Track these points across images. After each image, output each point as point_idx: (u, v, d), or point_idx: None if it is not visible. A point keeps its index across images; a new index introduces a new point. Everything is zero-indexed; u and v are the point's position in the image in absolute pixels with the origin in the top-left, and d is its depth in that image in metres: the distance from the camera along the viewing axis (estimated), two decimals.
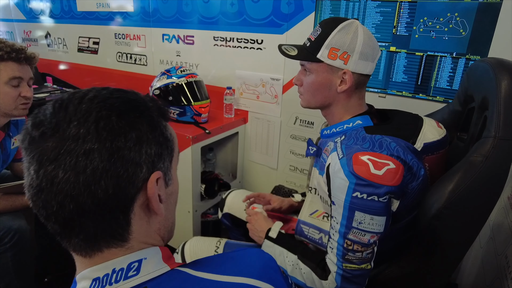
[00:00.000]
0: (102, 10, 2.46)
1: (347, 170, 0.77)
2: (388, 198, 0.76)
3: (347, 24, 0.88)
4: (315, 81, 0.93)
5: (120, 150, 0.43)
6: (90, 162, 0.41)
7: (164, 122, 0.52)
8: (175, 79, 1.73)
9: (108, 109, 0.44)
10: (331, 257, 0.85)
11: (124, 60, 2.49)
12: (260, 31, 1.76)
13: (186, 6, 1.99)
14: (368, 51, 0.87)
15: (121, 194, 0.44)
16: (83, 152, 0.41)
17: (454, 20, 1.26)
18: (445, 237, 0.81)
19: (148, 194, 0.46)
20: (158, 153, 0.47)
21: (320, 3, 1.54)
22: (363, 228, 0.78)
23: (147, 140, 0.46)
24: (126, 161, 0.43)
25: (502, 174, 0.76)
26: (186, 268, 0.48)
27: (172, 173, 0.53)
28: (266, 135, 1.92)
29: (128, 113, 0.45)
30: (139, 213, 0.47)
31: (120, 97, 0.47)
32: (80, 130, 0.42)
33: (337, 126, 0.94)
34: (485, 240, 1.15)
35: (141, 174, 0.45)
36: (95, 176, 0.41)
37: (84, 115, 0.42)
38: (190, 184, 1.64)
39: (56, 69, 3.06)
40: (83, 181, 0.41)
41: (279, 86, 1.78)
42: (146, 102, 0.50)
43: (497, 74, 0.76)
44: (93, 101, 0.44)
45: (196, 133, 1.61)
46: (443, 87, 1.35)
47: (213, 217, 1.92)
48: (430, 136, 0.86)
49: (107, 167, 0.42)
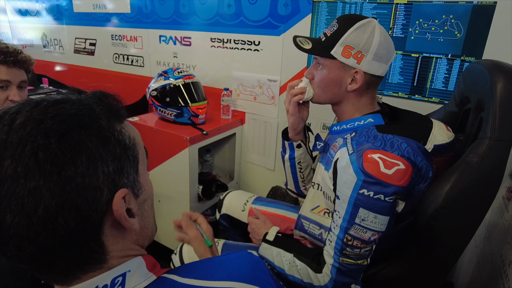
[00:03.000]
0: (99, 11, 2.46)
1: (357, 167, 0.77)
2: (394, 198, 0.77)
3: (364, 23, 0.86)
4: (326, 76, 0.92)
5: (72, 180, 0.37)
6: (40, 201, 0.36)
7: (119, 125, 0.45)
8: (172, 80, 1.73)
9: (45, 134, 0.37)
10: (329, 250, 0.85)
11: (120, 62, 2.48)
12: (257, 33, 1.77)
13: (183, 7, 1.99)
14: (383, 52, 0.87)
15: (85, 225, 0.39)
16: (28, 192, 0.35)
17: (449, 22, 1.27)
18: (442, 237, 0.82)
19: (115, 216, 0.42)
20: (117, 169, 0.42)
21: (316, 5, 1.55)
22: (365, 225, 0.78)
23: (101, 158, 0.40)
24: (82, 189, 0.38)
25: (498, 174, 0.77)
26: (173, 275, 0.46)
27: (141, 181, 0.48)
28: (263, 136, 1.92)
29: (70, 133, 0.38)
30: (111, 233, 0.43)
31: (57, 115, 0.39)
32: (17, 168, 0.35)
33: (348, 122, 0.94)
34: (480, 240, 1.16)
35: (103, 198, 0.40)
36: (50, 214, 0.36)
37: (17, 148, 0.36)
38: (187, 185, 1.64)
39: (52, 70, 3.05)
40: (37, 222, 0.36)
41: (276, 87, 1.78)
42: (91, 110, 0.42)
43: (493, 76, 0.77)
44: (25, 128, 0.37)
45: (193, 134, 1.61)
46: (438, 88, 1.37)
47: (211, 218, 1.91)
48: (440, 139, 0.86)
49: (61, 202, 0.36)
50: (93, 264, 0.42)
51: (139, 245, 0.50)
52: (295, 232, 1.06)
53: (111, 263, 0.44)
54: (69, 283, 0.42)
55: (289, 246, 0.97)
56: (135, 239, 0.48)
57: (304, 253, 0.92)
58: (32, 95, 2.59)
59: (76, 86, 1.91)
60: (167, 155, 1.68)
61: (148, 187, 0.51)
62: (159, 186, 1.77)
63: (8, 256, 0.39)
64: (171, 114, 1.74)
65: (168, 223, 1.82)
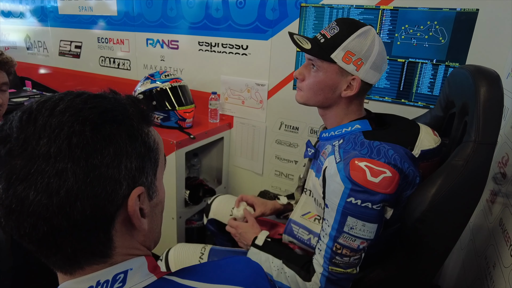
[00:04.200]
0: (85, 14, 2.42)
1: (343, 175, 0.77)
2: (382, 206, 0.77)
3: (366, 30, 0.85)
4: (321, 80, 0.89)
5: (97, 168, 0.39)
6: (64, 183, 0.37)
7: (147, 128, 0.48)
8: (159, 83, 1.71)
9: (82, 122, 0.40)
10: (318, 259, 0.85)
11: (107, 65, 2.45)
12: (245, 37, 1.77)
13: (170, 10, 1.98)
14: (379, 61, 0.87)
15: (99, 214, 0.41)
16: (55, 173, 0.37)
17: (434, 28, 1.30)
18: (428, 240, 0.82)
19: (129, 212, 0.43)
20: (139, 167, 0.44)
21: (304, 10, 1.56)
22: (354, 233, 0.78)
23: (126, 153, 0.42)
24: (104, 179, 0.40)
25: (482, 176, 0.78)
26: (173, 277, 0.47)
27: (157, 185, 0.50)
28: (252, 140, 1.92)
29: (104, 125, 0.41)
30: (120, 229, 0.44)
31: (95, 107, 0.42)
32: (51, 148, 0.38)
33: (336, 129, 0.93)
34: (465, 242, 1.17)
35: (121, 191, 0.42)
36: (70, 198, 0.38)
37: (54, 131, 0.38)
38: (174, 190, 1.61)
39: (36, 73, 2.99)
40: (56, 203, 0.38)
41: (264, 91, 1.78)
42: (125, 108, 0.45)
43: (476, 81, 0.79)
44: (65, 114, 0.40)
45: (180, 138, 1.59)
46: (424, 93, 1.39)
47: (198, 224, 1.89)
48: (426, 144, 0.86)
49: (82, 188, 0.38)
50: (99, 256, 0.43)
51: (145, 246, 0.50)
52: (284, 236, 1.05)
53: (115, 259, 0.45)
54: (72, 272, 0.43)
55: (279, 252, 0.96)
56: (142, 240, 0.49)
57: (293, 260, 0.91)
58: (15, 98, 2.53)
59: (61, 89, 1.87)
60: None
61: (162, 193, 0.53)
62: None
63: (20, 234, 0.40)
64: (158, 118, 1.71)
65: None
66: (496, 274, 0.85)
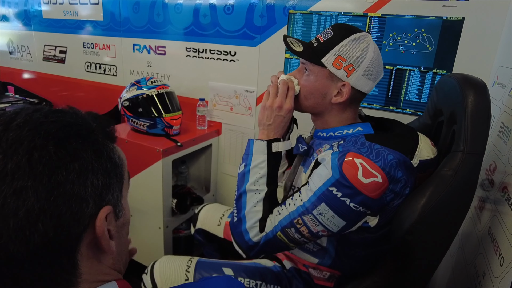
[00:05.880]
0: (70, 18, 2.38)
1: (336, 164, 0.75)
2: (361, 209, 0.75)
3: (361, 36, 0.84)
4: (311, 84, 0.89)
5: (61, 185, 0.37)
6: (23, 203, 0.34)
7: (111, 144, 0.46)
8: (145, 90, 1.68)
9: (44, 137, 0.37)
10: (273, 219, 0.84)
11: (92, 70, 2.40)
12: (233, 43, 1.75)
13: (158, 16, 1.95)
14: (373, 69, 0.84)
15: (63, 236, 0.37)
16: (13, 192, 0.34)
17: (421, 35, 1.30)
18: (418, 251, 0.81)
19: (97, 233, 0.41)
20: (106, 184, 0.42)
21: (292, 16, 1.55)
22: (320, 219, 0.77)
23: (92, 169, 0.40)
24: (69, 197, 0.37)
25: (471, 186, 0.77)
26: None
27: (123, 203, 0.48)
28: (240, 147, 1.89)
29: (68, 140, 0.39)
30: (87, 253, 0.41)
31: (57, 121, 0.40)
32: (7, 165, 0.35)
33: (336, 130, 0.91)
34: (455, 250, 1.17)
35: (88, 210, 0.39)
36: (30, 219, 0.35)
37: (12, 146, 0.36)
38: (160, 199, 1.58)
39: (19, 78, 2.91)
40: (14, 227, 0.34)
41: (253, 98, 1.77)
42: (88, 123, 0.44)
43: (464, 90, 0.78)
44: (23, 128, 0.37)
45: (166, 146, 1.56)
46: (412, 100, 1.39)
47: (185, 233, 1.85)
48: (425, 154, 0.83)
49: (45, 207, 0.35)
50: (63, 286, 0.40)
51: (116, 270, 0.48)
52: None
53: (82, 286, 0.41)
54: None
55: (272, 177, 0.89)
56: (111, 263, 0.46)
57: (272, 200, 0.88)
58: None
59: (45, 95, 1.83)
60: (139, 168, 1.61)
61: (127, 212, 0.51)
62: (131, 200, 1.68)
63: None
64: (144, 125, 1.68)
65: (140, 238, 1.75)
66: (486, 284, 0.84)
